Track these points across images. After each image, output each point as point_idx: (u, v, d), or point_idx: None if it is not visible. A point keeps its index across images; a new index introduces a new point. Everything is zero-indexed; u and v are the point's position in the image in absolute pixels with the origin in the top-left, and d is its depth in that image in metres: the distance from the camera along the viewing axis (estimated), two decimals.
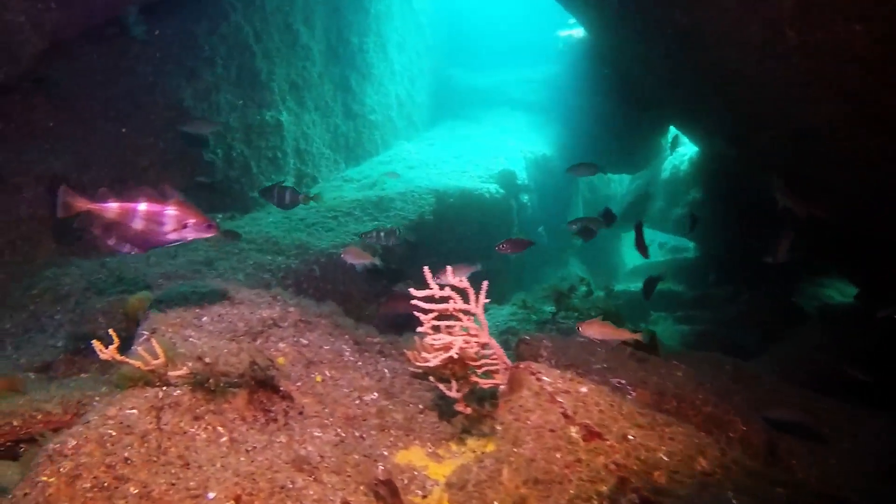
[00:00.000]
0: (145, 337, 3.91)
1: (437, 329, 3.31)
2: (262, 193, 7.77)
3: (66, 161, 7.74)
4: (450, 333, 3.33)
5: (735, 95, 8.29)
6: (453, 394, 3.55)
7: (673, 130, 17.71)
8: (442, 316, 3.34)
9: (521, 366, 3.26)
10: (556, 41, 19.08)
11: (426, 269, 3.20)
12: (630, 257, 27.91)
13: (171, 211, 3.90)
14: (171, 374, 3.31)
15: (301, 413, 3.62)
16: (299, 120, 11.73)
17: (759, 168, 10.06)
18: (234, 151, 9.86)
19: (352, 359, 4.23)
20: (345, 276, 8.41)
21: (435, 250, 9.76)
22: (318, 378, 3.91)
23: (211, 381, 3.26)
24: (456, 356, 3.16)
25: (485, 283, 3.33)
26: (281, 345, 4.08)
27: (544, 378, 3.11)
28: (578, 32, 17.76)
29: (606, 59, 15.27)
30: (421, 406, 4.09)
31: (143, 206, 3.85)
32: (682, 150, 19.66)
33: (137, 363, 3.17)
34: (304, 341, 4.17)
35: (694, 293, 15.88)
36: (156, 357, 3.19)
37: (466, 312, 3.35)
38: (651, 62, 12.04)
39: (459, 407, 3.69)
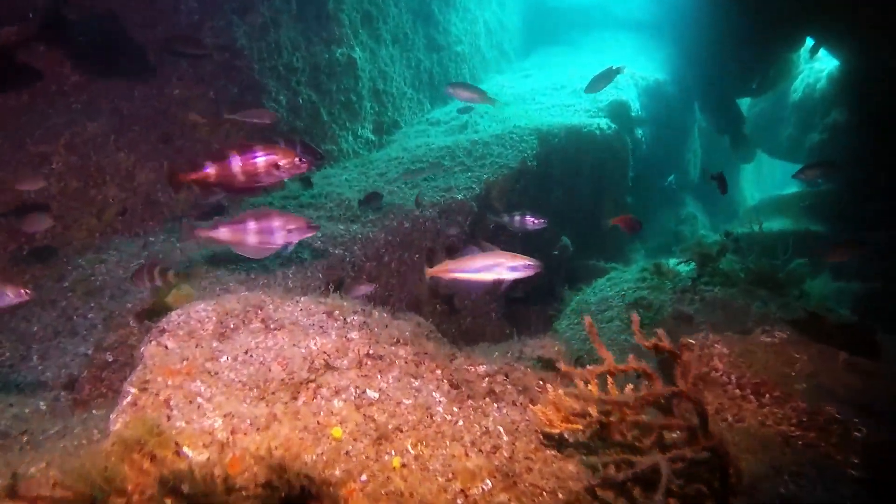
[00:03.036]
0: (130, 399, 2.53)
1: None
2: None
3: (101, 122, 6.52)
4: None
5: None
6: None
7: (809, 43, 14.91)
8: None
9: None
10: None
11: (588, 319, 1.59)
12: (750, 192, 24.92)
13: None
14: None
15: None
16: (375, 56, 10.11)
17: None
18: (301, 97, 8.39)
19: (447, 417, 2.71)
20: (434, 241, 6.88)
21: (540, 205, 8.04)
22: (396, 462, 2.43)
23: None
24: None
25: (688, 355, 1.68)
26: (337, 403, 2.60)
27: None
28: None
29: None
30: (561, 495, 2.55)
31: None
32: (817, 66, 16.78)
33: None
34: (373, 394, 2.67)
35: (842, 236, 13.37)
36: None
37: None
38: None
39: None
